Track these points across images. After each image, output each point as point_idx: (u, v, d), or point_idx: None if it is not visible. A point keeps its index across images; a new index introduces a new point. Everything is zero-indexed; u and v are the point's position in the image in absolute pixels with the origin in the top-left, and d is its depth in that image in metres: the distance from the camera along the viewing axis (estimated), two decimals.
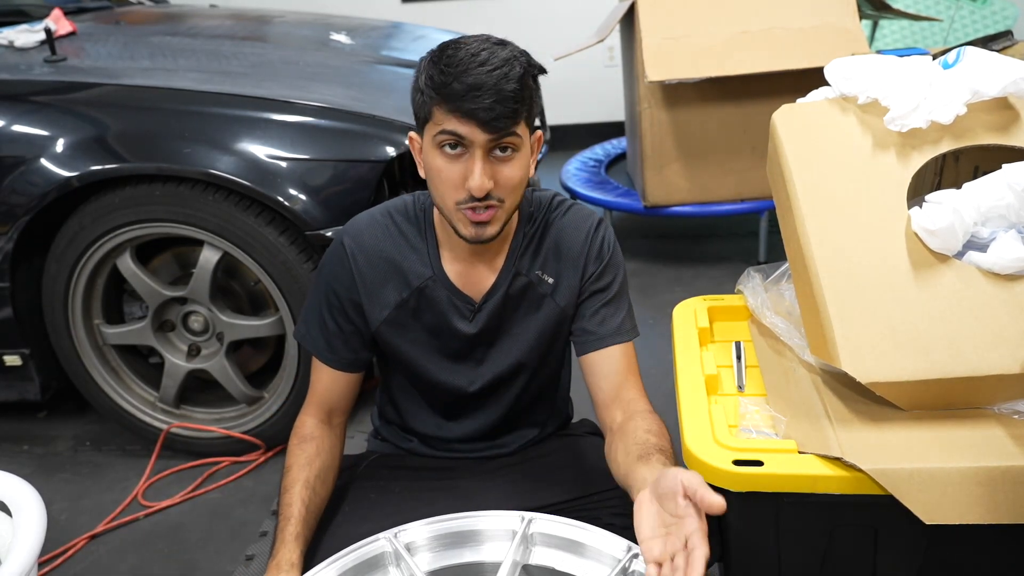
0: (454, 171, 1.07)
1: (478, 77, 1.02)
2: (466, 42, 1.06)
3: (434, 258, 1.22)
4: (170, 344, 2.16)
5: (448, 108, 1.04)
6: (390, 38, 2.92)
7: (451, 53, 1.05)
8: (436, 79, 1.05)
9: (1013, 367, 0.97)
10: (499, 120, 1.03)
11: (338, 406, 1.28)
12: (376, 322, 1.23)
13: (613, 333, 1.22)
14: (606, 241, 1.25)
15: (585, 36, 3.16)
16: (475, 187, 1.05)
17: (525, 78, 1.06)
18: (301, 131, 1.98)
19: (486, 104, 1.02)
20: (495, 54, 1.04)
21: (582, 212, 1.26)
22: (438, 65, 1.05)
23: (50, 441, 2.32)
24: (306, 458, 1.20)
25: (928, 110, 1.11)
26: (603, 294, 1.24)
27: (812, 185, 1.13)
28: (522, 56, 1.07)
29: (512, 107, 1.04)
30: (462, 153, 1.07)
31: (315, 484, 1.18)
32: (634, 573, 0.97)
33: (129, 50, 2.38)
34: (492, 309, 1.23)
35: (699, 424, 1.08)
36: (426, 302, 1.23)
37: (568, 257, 1.23)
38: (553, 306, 1.24)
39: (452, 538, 1.06)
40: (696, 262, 3.22)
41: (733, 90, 2.76)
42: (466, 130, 1.04)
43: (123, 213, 1.94)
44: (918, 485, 0.92)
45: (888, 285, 1.04)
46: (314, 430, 1.24)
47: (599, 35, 3.03)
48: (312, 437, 1.23)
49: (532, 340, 1.26)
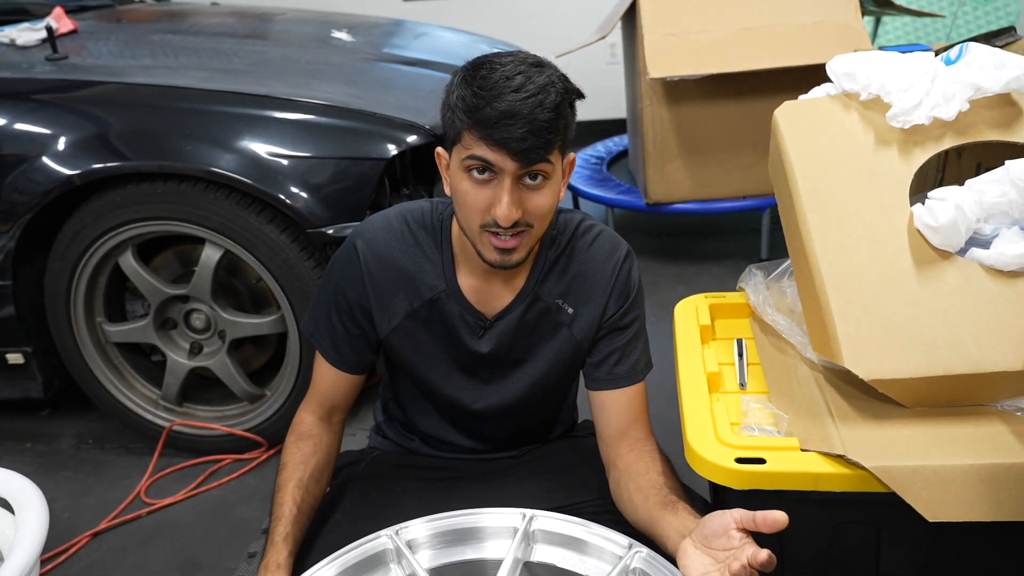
0: (481, 196, 1.03)
1: (512, 104, 0.97)
2: (501, 62, 1.01)
3: (448, 271, 1.18)
4: (172, 342, 2.16)
5: (479, 134, 0.99)
6: (392, 36, 2.91)
7: (485, 74, 1.00)
8: (468, 101, 0.99)
9: (1016, 364, 0.96)
10: (532, 151, 0.99)
11: (339, 404, 1.27)
12: (385, 330, 1.21)
13: (627, 375, 1.19)
14: (632, 278, 1.21)
15: (587, 33, 3.15)
16: (502, 217, 1.02)
17: (562, 106, 1.01)
18: (302, 129, 1.97)
19: (519, 134, 0.97)
20: (531, 79, 0.99)
21: (610, 243, 1.21)
22: (471, 86, 1.00)
23: (53, 439, 2.32)
24: (302, 456, 1.19)
25: (930, 106, 1.11)
26: (622, 334, 1.20)
27: (814, 182, 1.13)
28: (559, 81, 1.02)
29: (546, 137, 0.99)
30: (491, 179, 1.02)
31: (308, 483, 1.16)
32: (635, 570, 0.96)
33: (130, 48, 2.37)
34: (506, 329, 1.20)
35: (701, 422, 1.08)
36: (437, 314, 1.20)
37: (592, 290, 1.19)
38: (569, 337, 1.21)
39: (453, 535, 1.06)
40: (698, 259, 3.21)
41: (735, 87, 2.75)
42: (496, 158, 1.00)
43: (125, 211, 1.94)
44: (921, 482, 0.92)
45: (890, 282, 1.03)
46: (312, 427, 1.23)
47: (601, 32, 3.02)
48: (310, 435, 1.22)
49: (544, 368, 1.23)
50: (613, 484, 1.15)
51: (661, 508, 1.02)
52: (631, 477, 1.11)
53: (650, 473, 1.09)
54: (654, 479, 1.08)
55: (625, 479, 1.12)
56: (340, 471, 1.37)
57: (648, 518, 1.04)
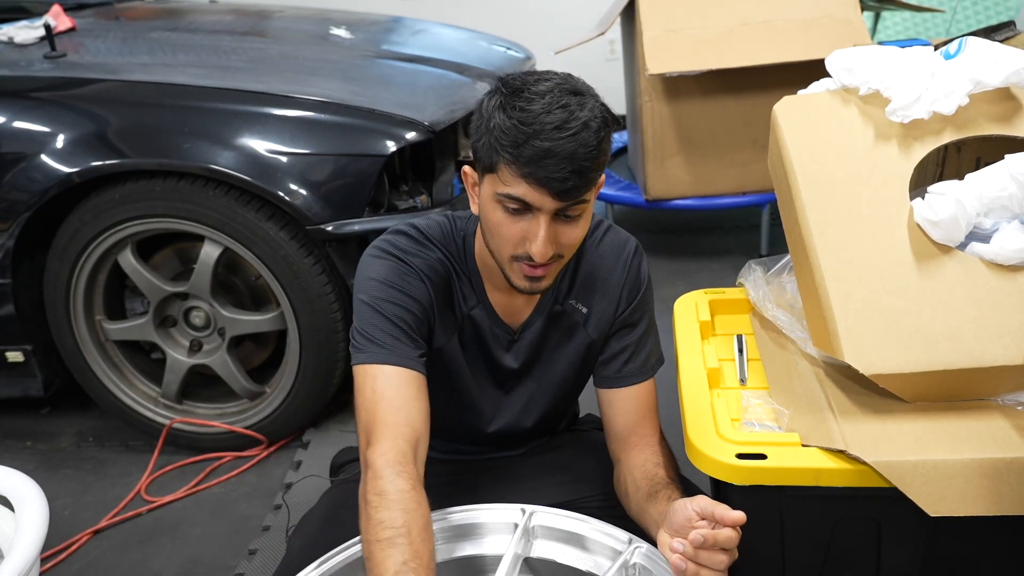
0: (515, 229, 1.00)
1: (555, 143, 0.93)
2: (539, 91, 0.96)
3: (479, 286, 1.17)
4: (172, 340, 2.16)
5: (519, 171, 0.96)
6: (390, 32, 2.91)
7: (524, 105, 0.95)
8: (509, 134, 0.95)
9: (1017, 358, 0.96)
10: (573, 190, 0.97)
11: (420, 427, 1.02)
12: (441, 342, 1.16)
13: (637, 372, 1.19)
14: (642, 273, 1.20)
15: (586, 29, 3.15)
16: (537, 254, 0.99)
17: (604, 141, 0.98)
18: (301, 126, 1.97)
19: (561, 175, 0.94)
20: (573, 115, 0.95)
21: (618, 239, 1.20)
22: (510, 117, 0.95)
23: (53, 437, 2.32)
24: (407, 552, 0.88)
25: (930, 101, 1.10)
26: (633, 330, 1.20)
27: (814, 177, 1.13)
28: (600, 114, 0.98)
29: (588, 176, 0.97)
30: (526, 212, 1.00)
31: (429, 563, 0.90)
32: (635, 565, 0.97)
33: (129, 46, 2.37)
34: (532, 340, 1.19)
35: (702, 418, 1.07)
36: (473, 328, 1.18)
37: (604, 288, 1.18)
38: (584, 336, 1.20)
39: (454, 531, 1.06)
40: (697, 255, 3.21)
41: (734, 82, 2.75)
42: (536, 198, 0.97)
43: (124, 209, 1.94)
44: (922, 477, 0.92)
45: (890, 277, 1.03)
46: (397, 480, 0.94)
47: (600, 28, 3.02)
48: (400, 503, 0.92)
49: (564, 372, 1.22)
50: (615, 479, 1.16)
51: (647, 499, 1.03)
52: (629, 471, 1.12)
53: (646, 465, 1.09)
54: (648, 470, 1.08)
55: (624, 473, 1.13)
56: (342, 468, 1.37)
57: (638, 510, 1.06)
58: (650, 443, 1.15)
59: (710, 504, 0.88)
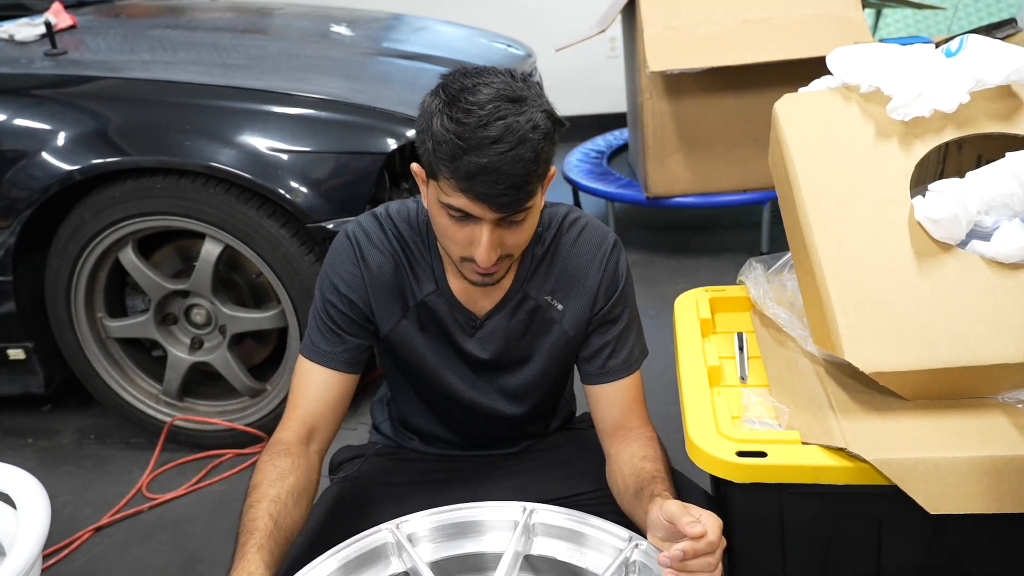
0: (461, 234, 1.01)
1: (492, 160, 0.92)
2: (478, 100, 0.94)
3: (439, 272, 1.17)
4: (173, 337, 2.17)
5: (456, 185, 0.95)
6: (391, 30, 2.91)
7: (461, 117, 0.93)
8: (445, 147, 0.94)
9: (1017, 356, 0.96)
10: (513, 203, 0.96)
11: (321, 423, 1.15)
12: (385, 329, 1.19)
13: (620, 367, 1.19)
14: (619, 269, 1.19)
15: (587, 27, 3.15)
16: (482, 260, 1.00)
17: (544, 151, 0.96)
18: (302, 123, 1.97)
19: (499, 190, 0.94)
20: (510, 128, 0.92)
21: (595, 234, 1.19)
22: (447, 128, 0.94)
23: (54, 434, 2.32)
24: (278, 472, 1.05)
25: (931, 99, 1.10)
26: (613, 326, 1.19)
27: (814, 175, 1.13)
28: (541, 120, 0.96)
29: (527, 189, 0.96)
30: (469, 219, 1.00)
31: (287, 499, 1.03)
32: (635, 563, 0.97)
33: (129, 43, 2.37)
34: (496, 329, 1.19)
35: (702, 415, 1.07)
36: (430, 314, 1.18)
37: (580, 285, 1.18)
38: (561, 332, 1.20)
39: (454, 529, 1.06)
40: (698, 253, 3.21)
41: (735, 80, 2.75)
42: (476, 210, 0.97)
43: (125, 207, 1.94)
44: (922, 475, 0.92)
45: (891, 275, 1.03)
46: (290, 447, 1.10)
47: (601, 25, 3.02)
48: (287, 453, 1.09)
49: (542, 366, 1.22)
50: (608, 474, 1.16)
51: (635, 496, 1.03)
52: (618, 466, 1.12)
53: (632, 459, 1.09)
54: (635, 464, 1.08)
55: (614, 468, 1.13)
56: (341, 466, 1.37)
57: (628, 507, 1.06)
58: (637, 436, 1.15)
59: (679, 512, 0.87)
